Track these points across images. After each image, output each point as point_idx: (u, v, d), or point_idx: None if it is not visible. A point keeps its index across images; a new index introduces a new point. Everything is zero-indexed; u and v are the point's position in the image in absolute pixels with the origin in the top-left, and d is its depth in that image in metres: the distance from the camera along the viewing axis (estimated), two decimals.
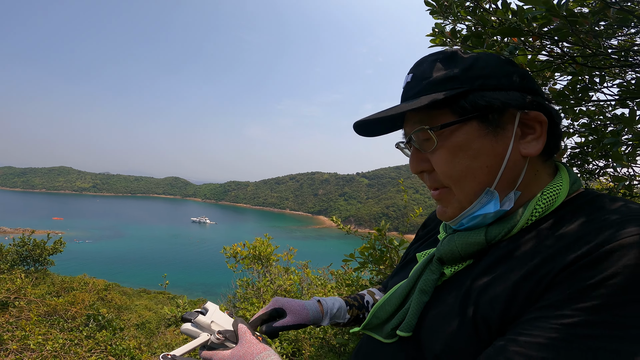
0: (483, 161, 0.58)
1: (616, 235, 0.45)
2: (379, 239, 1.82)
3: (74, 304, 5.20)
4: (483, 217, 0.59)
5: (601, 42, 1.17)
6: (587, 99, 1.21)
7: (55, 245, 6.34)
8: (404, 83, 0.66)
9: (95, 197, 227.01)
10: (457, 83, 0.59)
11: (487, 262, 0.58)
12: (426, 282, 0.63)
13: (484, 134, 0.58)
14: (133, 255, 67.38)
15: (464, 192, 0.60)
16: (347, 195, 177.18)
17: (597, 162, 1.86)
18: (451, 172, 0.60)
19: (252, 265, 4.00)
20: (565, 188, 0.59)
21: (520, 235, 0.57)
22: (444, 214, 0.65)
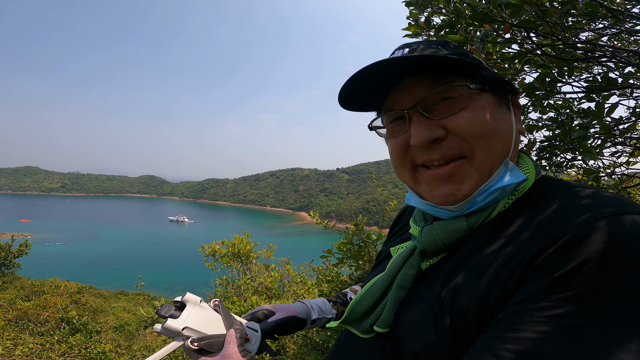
0: (503, 128, 0.59)
1: (581, 221, 0.45)
2: (356, 234, 1.82)
3: (46, 307, 5.00)
4: (502, 190, 0.57)
5: (570, 34, 1.20)
6: (555, 92, 1.24)
7: (20, 248, 6.04)
8: (399, 54, 0.60)
9: (65, 198, 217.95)
10: (473, 58, 0.62)
11: (460, 254, 0.57)
12: (404, 277, 0.62)
13: (499, 105, 0.60)
14: (108, 257, 65.25)
15: (488, 156, 0.57)
16: (327, 190, 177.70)
17: (565, 154, 1.93)
18: (479, 131, 0.56)
19: (232, 263, 3.95)
20: (533, 171, 0.61)
21: (496, 221, 0.57)
22: (455, 193, 0.58)
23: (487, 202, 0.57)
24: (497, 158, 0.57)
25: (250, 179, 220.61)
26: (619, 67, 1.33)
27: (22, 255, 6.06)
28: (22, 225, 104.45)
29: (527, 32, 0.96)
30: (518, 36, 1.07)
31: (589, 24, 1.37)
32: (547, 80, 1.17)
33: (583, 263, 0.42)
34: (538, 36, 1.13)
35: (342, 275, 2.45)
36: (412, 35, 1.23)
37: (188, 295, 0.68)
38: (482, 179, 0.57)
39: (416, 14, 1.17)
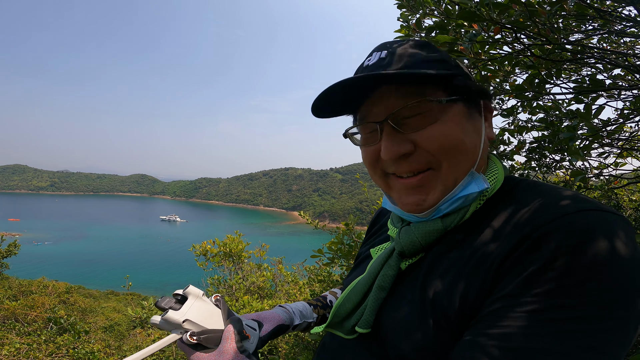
0: (471, 139, 0.60)
1: (548, 218, 0.47)
2: (347, 233, 1.82)
3: (33, 307, 4.92)
4: (465, 198, 0.59)
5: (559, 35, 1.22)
6: (544, 93, 1.26)
7: (9, 248, 5.94)
8: (375, 59, 0.62)
9: (54, 197, 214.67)
10: (448, 66, 0.61)
11: (437, 254, 0.59)
12: (384, 278, 0.63)
13: (469, 115, 0.61)
14: (98, 257, 64.40)
15: (453, 169, 0.59)
16: (321, 190, 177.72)
17: (554, 155, 1.96)
18: (447, 146, 0.57)
19: (223, 263, 3.93)
20: (502, 173, 0.63)
21: (469, 222, 0.59)
22: (421, 203, 0.61)
23: (451, 209, 0.60)
24: (462, 169, 0.59)
25: (244, 178, 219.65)
26: (607, 69, 1.35)
27: (10, 256, 5.95)
28: (10, 224, 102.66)
29: (517, 33, 0.97)
30: (508, 37, 1.08)
31: (579, 26, 1.39)
32: (536, 82, 1.18)
33: (554, 258, 0.44)
34: (528, 38, 1.14)
35: (334, 275, 2.45)
36: (404, 36, 1.24)
37: (191, 288, 0.66)
38: (446, 190, 0.59)
39: (407, 15, 1.17)
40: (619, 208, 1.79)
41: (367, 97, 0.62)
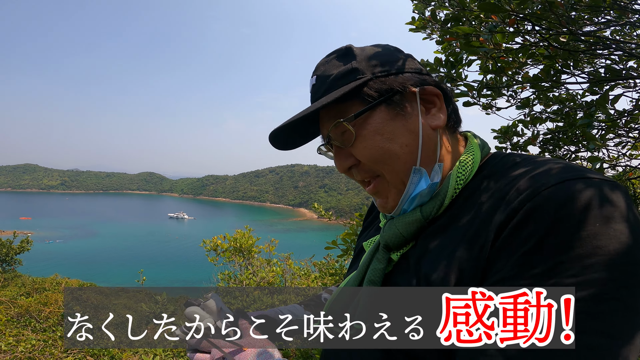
0: (401, 141, 0.60)
1: (533, 190, 0.46)
2: (360, 225, 1.83)
3: (47, 304, 5.01)
4: (420, 196, 0.61)
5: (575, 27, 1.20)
6: (560, 83, 1.25)
7: (22, 244, 6.06)
8: (310, 86, 0.67)
9: (64, 195, 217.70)
10: (358, 73, 0.61)
11: (426, 240, 0.59)
12: (374, 272, 0.64)
13: (394, 116, 0.60)
14: (108, 254, 65.30)
15: (394, 175, 0.61)
16: (327, 187, 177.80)
17: (569, 147, 1.93)
18: (376, 157, 0.60)
19: (234, 258, 3.96)
20: (477, 153, 0.62)
21: (452, 206, 0.59)
22: (385, 205, 0.65)
23: (414, 205, 0.62)
24: (402, 171, 0.60)
25: (250, 175, 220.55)
26: (622, 60, 1.33)
27: (23, 252, 6.07)
28: (21, 223, 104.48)
29: (534, 24, 0.96)
30: (522, 29, 1.07)
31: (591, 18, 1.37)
32: (552, 72, 1.17)
33: (547, 234, 0.43)
34: (542, 29, 1.13)
35: (345, 269, 2.46)
36: (417, 29, 1.23)
37: (213, 294, 0.76)
38: (399, 191, 0.62)
39: (422, 7, 1.17)
40: (636, 199, 1.77)
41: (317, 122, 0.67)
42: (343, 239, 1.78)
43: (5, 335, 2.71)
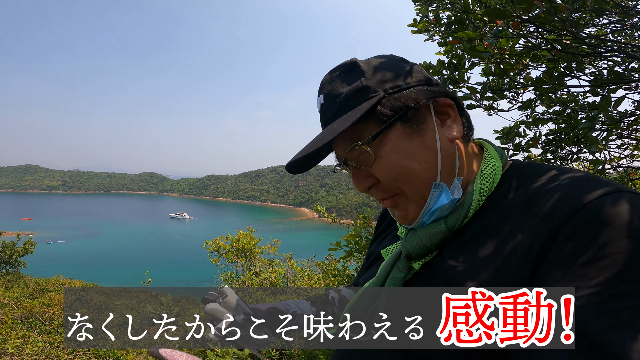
0: (420, 158, 0.59)
1: (576, 206, 0.47)
2: (364, 226, 1.84)
3: (50, 305, 5.03)
4: (440, 210, 0.61)
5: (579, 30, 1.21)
6: (564, 85, 1.25)
7: (25, 246, 6.07)
8: (319, 106, 0.65)
9: (65, 196, 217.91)
10: (370, 92, 0.60)
11: (453, 250, 0.59)
12: (394, 281, 0.64)
13: (410, 133, 0.59)
14: (110, 255, 65.42)
15: (414, 192, 0.61)
16: (328, 186, 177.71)
17: (571, 147, 1.94)
18: (396, 177, 0.60)
19: (236, 259, 3.97)
20: (499, 163, 0.62)
21: (477, 217, 0.59)
22: (405, 217, 0.65)
23: (433, 218, 0.62)
24: (423, 188, 0.60)
25: (251, 174, 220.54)
26: (625, 62, 1.33)
27: (27, 254, 6.09)
28: (23, 224, 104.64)
29: (537, 27, 0.96)
30: (524, 31, 1.08)
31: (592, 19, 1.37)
32: (555, 75, 1.18)
33: (598, 247, 0.44)
34: (544, 32, 1.14)
35: (348, 270, 2.47)
36: (419, 31, 1.23)
37: (226, 287, 0.79)
38: (420, 205, 0.62)
39: (425, 9, 1.17)
40: None
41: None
42: (347, 241, 1.79)
43: (12, 338, 2.73)
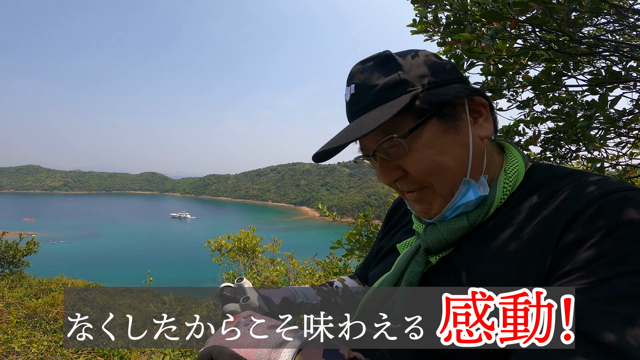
0: (453, 154, 0.60)
1: (592, 201, 0.50)
2: (365, 225, 1.86)
3: (54, 305, 5.06)
4: (465, 205, 0.62)
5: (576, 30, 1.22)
6: (561, 85, 1.27)
7: (28, 246, 6.11)
8: (348, 96, 0.65)
9: (67, 196, 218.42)
10: (408, 85, 0.60)
11: (471, 245, 0.61)
12: (412, 275, 0.65)
13: (446, 129, 0.60)
14: (112, 254, 65.57)
15: (444, 186, 0.62)
16: (329, 185, 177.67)
17: (570, 146, 1.95)
18: (429, 170, 0.60)
19: (238, 258, 4.00)
20: (522, 163, 0.64)
21: (499, 213, 0.61)
22: (428, 211, 0.65)
23: (457, 213, 0.63)
24: (453, 183, 0.61)
25: (252, 174, 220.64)
26: (622, 61, 1.35)
27: (30, 254, 6.13)
28: (25, 224, 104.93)
29: (534, 28, 0.98)
30: (522, 31, 1.09)
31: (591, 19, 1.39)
32: (553, 74, 1.19)
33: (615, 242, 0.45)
34: (541, 32, 1.15)
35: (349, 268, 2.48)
36: (418, 31, 1.25)
37: (245, 280, 0.81)
38: (446, 200, 0.63)
39: (424, 10, 1.19)
40: None
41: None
42: (348, 239, 1.81)
43: (18, 337, 2.76)
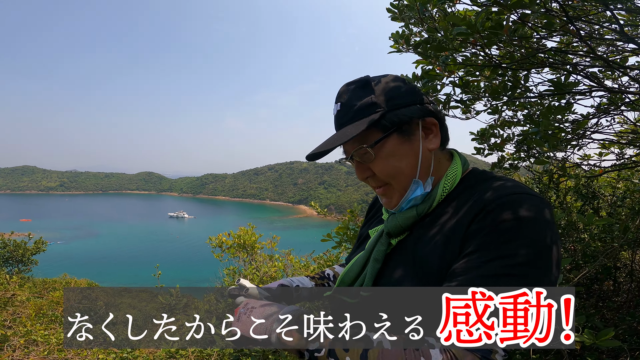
0: (407, 161, 0.80)
1: (490, 200, 0.68)
2: (352, 220, 2.06)
3: (60, 303, 5.22)
4: (415, 199, 0.82)
5: (531, 44, 1.40)
6: (516, 96, 1.46)
7: (36, 245, 6.26)
8: (335, 112, 0.85)
9: (63, 196, 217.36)
10: (377, 107, 0.79)
11: (419, 230, 0.80)
12: (378, 252, 0.84)
13: (403, 141, 0.80)
14: (110, 255, 65.50)
15: (400, 185, 0.82)
16: (326, 183, 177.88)
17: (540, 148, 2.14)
18: (389, 173, 0.81)
19: (238, 254, 4.18)
20: (460, 169, 0.84)
21: (438, 208, 0.81)
22: (389, 203, 0.86)
23: (409, 205, 0.83)
24: (406, 182, 0.82)
25: (249, 173, 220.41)
26: (572, 73, 1.54)
27: (39, 252, 6.27)
28: (22, 225, 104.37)
29: (484, 49, 1.16)
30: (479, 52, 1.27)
31: (551, 34, 1.56)
32: (509, 85, 1.39)
33: (496, 227, 0.63)
34: (499, 49, 1.33)
35: (341, 260, 2.68)
36: (396, 51, 1.45)
37: (243, 280, 0.92)
38: (401, 195, 0.83)
39: (396, 35, 1.38)
40: (595, 197, 2.00)
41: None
42: (337, 233, 2.01)
43: (37, 329, 2.91)
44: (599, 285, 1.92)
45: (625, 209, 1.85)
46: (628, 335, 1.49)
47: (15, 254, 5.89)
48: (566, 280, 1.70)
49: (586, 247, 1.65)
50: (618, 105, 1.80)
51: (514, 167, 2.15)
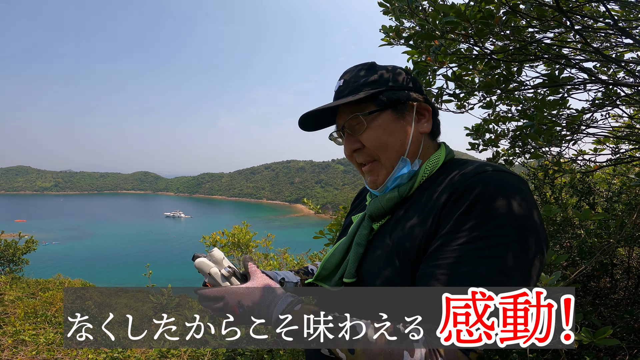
0: (397, 137, 0.82)
1: (465, 179, 0.68)
2: (344, 216, 2.02)
3: (53, 303, 5.17)
4: (401, 177, 0.82)
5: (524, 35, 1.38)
6: (510, 89, 1.44)
7: (27, 244, 6.19)
8: (337, 86, 0.87)
9: (58, 197, 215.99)
10: (377, 85, 0.83)
11: (399, 214, 0.80)
12: (360, 237, 0.83)
13: (396, 119, 0.83)
14: (105, 255, 65.21)
15: (387, 161, 0.82)
16: (323, 182, 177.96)
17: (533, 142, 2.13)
18: (378, 145, 0.82)
19: (232, 253, 4.14)
20: (442, 157, 0.85)
21: (417, 191, 0.81)
22: (375, 181, 0.85)
23: (395, 184, 0.84)
24: (394, 158, 0.83)
25: (246, 172, 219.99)
26: (566, 67, 1.52)
27: (29, 252, 6.20)
28: (16, 226, 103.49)
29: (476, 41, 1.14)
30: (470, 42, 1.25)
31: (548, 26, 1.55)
32: (501, 79, 1.36)
33: (471, 205, 0.63)
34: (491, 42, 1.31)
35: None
36: (387, 44, 1.42)
37: (215, 249, 0.86)
38: (388, 172, 0.84)
39: (387, 28, 1.35)
40: (590, 192, 1.99)
41: (336, 114, 0.88)
42: (329, 229, 1.98)
43: (25, 329, 2.87)
44: (595, 282, 1.91)
45: (622, 205, 1.83)
46: (626, 333, 1.48)
47: (6, 253, 5.82)
48: (563, 277, 1.68)
49: (582, 243, 1.63)
50: (613, 100, 1.79)
51: (509, 162, 2.13)
